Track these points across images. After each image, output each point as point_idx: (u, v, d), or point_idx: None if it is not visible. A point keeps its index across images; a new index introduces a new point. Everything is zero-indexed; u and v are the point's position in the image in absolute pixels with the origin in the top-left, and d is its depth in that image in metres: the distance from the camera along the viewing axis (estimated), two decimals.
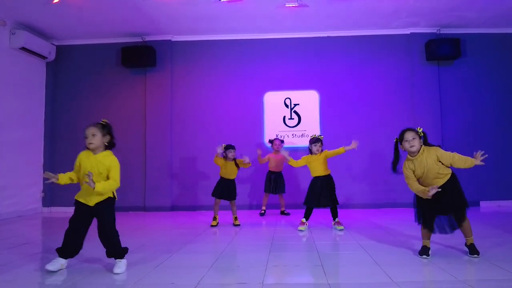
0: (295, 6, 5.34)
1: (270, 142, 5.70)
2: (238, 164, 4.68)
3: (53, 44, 6.49)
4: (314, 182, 4.28)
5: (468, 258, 2.87)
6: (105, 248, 2.74)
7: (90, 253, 3.10)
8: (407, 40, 6.35)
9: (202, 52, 6.54)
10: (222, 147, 4.60)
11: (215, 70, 6.50)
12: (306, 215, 4.25)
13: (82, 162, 2.74)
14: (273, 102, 6.41)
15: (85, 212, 2.72)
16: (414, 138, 2.91)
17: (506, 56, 6.29)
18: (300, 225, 4.23)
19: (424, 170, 2.89)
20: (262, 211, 5.59)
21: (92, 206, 2.70)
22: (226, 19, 5.87)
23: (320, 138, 4.33)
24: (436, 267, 2.65)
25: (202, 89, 6.49)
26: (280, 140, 5.68)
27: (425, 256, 2.89)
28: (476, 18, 5.90)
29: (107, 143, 2.78)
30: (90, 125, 2.75)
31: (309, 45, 6.45)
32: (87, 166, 2.69)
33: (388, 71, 6.34)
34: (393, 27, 6.28)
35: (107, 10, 5.44)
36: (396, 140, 3.06)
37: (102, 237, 2.71)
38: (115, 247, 2.72)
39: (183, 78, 6.53)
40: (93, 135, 2.70)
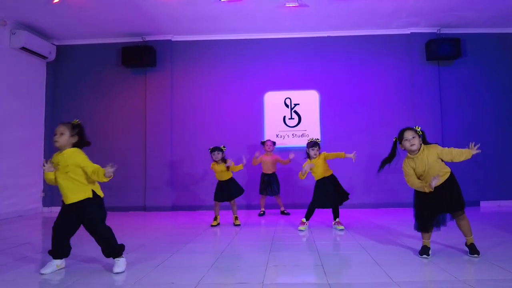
0: (295, 6, 5.34)
1: (262, 143, 5.68)
2: (228, 168, 4.57)
3: (53, 44, 6.49)
4: (319, 184, 4.26)
5: (468, 258, 2.87)
6: (99, 246, 2.74)
7: (90, 253, 3.10)
8: (407, 40, 6.35)
9: (202, 52, 6.55)
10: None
11: (215, 70, 6.50)
12: (307, 215, 4.25)
13: (53, 161, 2.75)
14: (273, 102, 6.41)
15: (66, 211, 2.71)
16: (414, 137, 2.91)
17: (506, 56, 6.29)
18: (300, 225, 4.23)
19: (425, 168, 2.89)
20: (261, 212, 5.59)
21: (67, 204, 2.68)
22: (226, 19, 5.87)
23: (317, 141, 4.33)
24: (436, 267, 2.65)
25: (202, 89, 6.49)
26: (272, 141, 5.66)
27: (425, 256, 2.89)
28: (476, 18, 5.90)
29: (75, 144, 2.76)
30: (61, 124, 2.76)
31: (309, 45, 6.45)
32: (56, 163, 2.72)
33: (388, 71, 6.34)
34: (393, 27, 6.28)
35: (107, 10, 5.45)
36: (395, 139, 3.05)
37: (92, 235, 2.71)
38: (109, 244, 2.71)
39: (183, 78, 6.53)
40: (61, 134, 2.71)
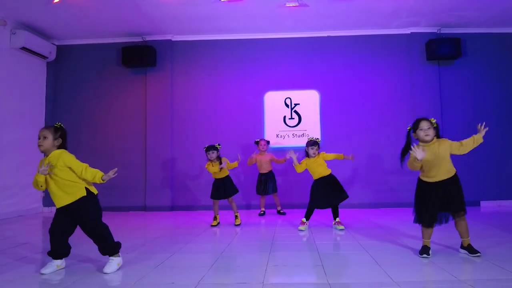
0: (295, 6, 5.34)
1: (256, 143, 5.65)
2: (221, 169, 4.51)
3: (53, 44, 6.49)
4: (317, 183, 4.26)
5: (468, 258, 2.87)
6: (96, 245, 2.74)
7: (90, 253, 3.10)
8: (408, 40, 6.34)
9: (202, 52, 6.54)
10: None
11: (215, 70, 6.50)
12: (307, 215, 4.25)
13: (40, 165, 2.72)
14: (273, 102, 6.41)
15: (61, 214, 2.71)
16: (429, 128, 2.93)
17: (506, 56, 6.28)
18: (300, 225, 4.23)
19: (434, 157, 2.89)
20: (262, 212, 5.59)
21: (58, 208, 2.68)
22: (226, 19, 5.87)
23: (317, 141, 4.34)
24: (436, 267, 2.65)
25: (202, 89, 6.49)
26: (266, 141, 5.65)
27: (425, 255, 2.89)
28: (476, 18, 5.90)
29: (60, 146, 2.74)
30: (43, 127, 2.75)
31: (309, 45, 6.45)
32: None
33: (388, 71, 6.33)
34: (393, 27, 6.27)
35: (108, 10, 5.44)
36: (409, 128, 3.06)
37: (88, 235, 2.71)
38: (106, 243, 2.71)
39: (184, 78, 6.53)
40: (44, 138, 2.69)
